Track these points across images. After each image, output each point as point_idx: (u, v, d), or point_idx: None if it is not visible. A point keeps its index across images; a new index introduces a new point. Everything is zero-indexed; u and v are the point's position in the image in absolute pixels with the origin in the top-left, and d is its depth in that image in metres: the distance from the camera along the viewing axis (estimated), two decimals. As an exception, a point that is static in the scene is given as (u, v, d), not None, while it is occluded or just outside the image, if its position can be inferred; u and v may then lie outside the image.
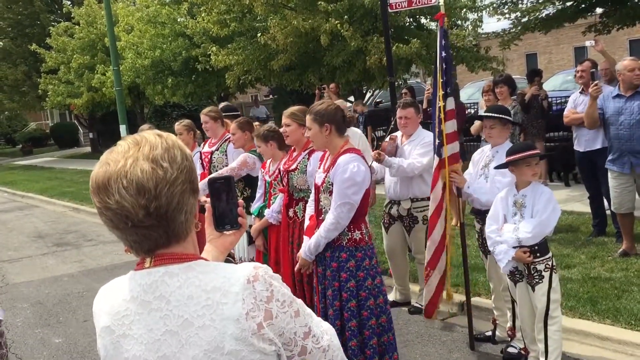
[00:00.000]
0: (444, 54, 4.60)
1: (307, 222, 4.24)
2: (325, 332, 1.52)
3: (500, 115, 4.45)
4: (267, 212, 5.00)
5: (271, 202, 5.01)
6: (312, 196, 4.24)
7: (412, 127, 5.43)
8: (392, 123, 6.09)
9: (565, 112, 7.14)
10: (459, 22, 15.19)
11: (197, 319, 1.35)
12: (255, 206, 5.27)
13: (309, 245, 3.99)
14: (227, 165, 5.99)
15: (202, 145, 6.58)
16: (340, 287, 3.93)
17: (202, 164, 6.20)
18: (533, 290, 3.91)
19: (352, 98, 16.35)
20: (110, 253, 9.00)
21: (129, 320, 1.38)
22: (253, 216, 5.23)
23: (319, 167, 4.18)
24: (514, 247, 3.88)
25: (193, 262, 1.41)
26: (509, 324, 4.64)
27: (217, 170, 6.16)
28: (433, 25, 15.40)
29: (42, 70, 24.15)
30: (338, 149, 3.95)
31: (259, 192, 5.27)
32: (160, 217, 1.34)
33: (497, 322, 4.86)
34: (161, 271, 1.38)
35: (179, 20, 18.87)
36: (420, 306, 5.65)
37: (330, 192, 3.90)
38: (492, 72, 13.99)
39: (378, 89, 16.29)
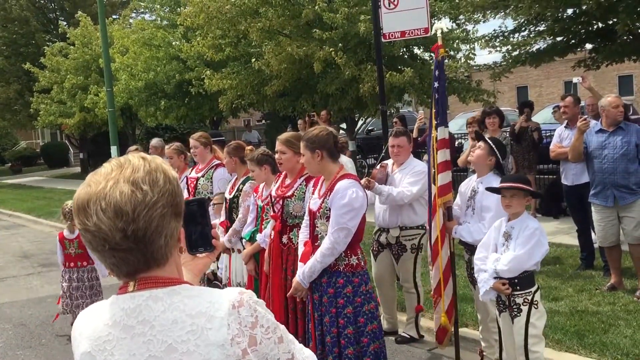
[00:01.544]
0: (436, 84, 4.65)
1: (301, 249, 4.22)
2: (307, 358, 1.53)
3: (492, 145, 4.49)
4: (259, 236, 4.99)
5: (263, 226, 5.00)
6: (305, 222, 4.23)
7: (404, 155, 5.45)
8: (384, 151, 6.12)
9: (551, 147, 7.23)
10: (452, 52, 15.42)
11: (181, 344, 1.33)
12: (246, 230, 5.26)
13: (304, 270, 3.98)
14: (211, 192, 6.07)
15: (190, 170, 6.58)
16: (337, 314, 3.92)
17: (187, 189, 6.22)
18: (512, 322, 3.90)
19: (344, 125, 16.46)
20: (96, 274, 8.88)
21: (111, 346, 1.36)
22: (245, 240, 5.22)
23: (313, 193, 4.18)
24: (495, 278, 3.89)
25: (178, 287, 1.39)
26: (496, 356, 4.61)
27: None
28: (426, 55, 15.61)
29: (34, 89, 24.14)
30: (333, 174, 3.97)
31: (251, 217, 5.26)
32: (138, 241, 1.33)
33: (484, 353, 4.84)
34: (145, 295, 1.37)
35: (173, 43, 18.98)
36: (407, 336, 5.62)
37: (328, 218, 3.91)
38: (483, 103, 14.15)
39: (370, 117, 16.41)
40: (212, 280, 5.80)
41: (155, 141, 7.39)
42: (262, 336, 1.38)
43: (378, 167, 5.60)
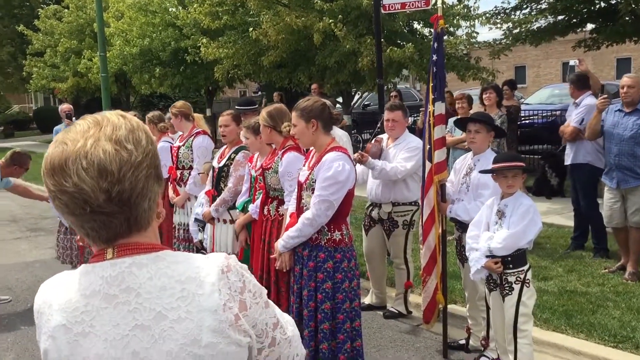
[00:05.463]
0: (435, 57, 4.55)
1: (287, 220, 4.17)
2: (288, 322, 1.51)
3: (486, 121, 4.42)
4: (251, 207, 4.92)
5: (256, 197, 4.94)
6: (294, 194, 4.17)
7: (398, 130, 5.38)
8: (378, 125, 6.04)
9: (561, 127, 7.08)
10: (452, 29, 15.25)
11: (171, 311, 1.26)
12: (240, 200, 5.19)
13: (284, 236, 3.95)
14: (192, 161, 6.11)
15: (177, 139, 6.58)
16: (316, 288, 3.87)
17: (171, 157, 6.20)
18: (503, 300, 3.88)
19: (340, 99, 16.32)
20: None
21: (90, 317, 1.27)
22: (237, 211, 5.16)
23: (304, 165, 4.12)
24: (487, 256, 3.85)
25: (161, 252, 1.32)
26: (483, 334, 4.60)
27: (182, 165, 6.21)
28: (427, 31, 15.44)
29: (28, 52, 23.81)
30: (324, 146, 3.90)
31: (245, 187, 5.19)
32: (123, 203, 1.24)
33: (471, 331, 4.83)
34: (127, 262, 1.28)
35: (170, 10, 18.69)
36: (395, 311, 5.61)
37: (313, 190, 3.84)
38: (481, 81, 14.02)
39: (367, 92, 16.28)
40: (199, 249, 5.73)
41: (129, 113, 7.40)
42: (251, 301, 1.34)
43: (372, 141, 5.53)
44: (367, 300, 5.94)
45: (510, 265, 3.80)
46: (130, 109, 23.19)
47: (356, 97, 16.84)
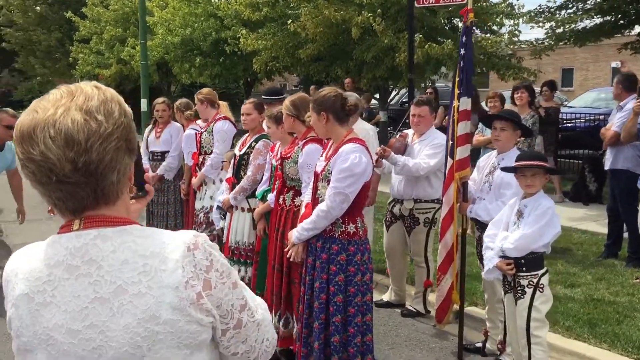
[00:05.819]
0: (462, 51, 4.44)
1: (302, 210, 4.13)
2: (259, 305, 1.47)
3: (512, 119, 4.28)
4: (270, 196, 4.90)
5: (275, 186, 4.91)
6: (310, 184, 4.12)
7: (424, 126, 5.27)
8: (404, 119, 5.94)
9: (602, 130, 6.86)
10: (495, 27, 14.94)
11: (131, 285, 1.25)
12: (260, 189, 5.17)
13: (299, 228, 3.91)
14: (212, 146, 6.12)
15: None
16: (328, 280, 3.82)
17: (195, 143, 6.24)
18: (516, 304, 3.75)
19: (377, 95, 16.19)
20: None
21: (52, 287, 1.27)
22: (257, 199, 5.15)
23: (321, 155, 4.06)
24: (500, 257, 3.73)
25: (128, 226, 1.31)
26: (500, 337, 4.49)
27: (204, 150, 6.23)
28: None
29: (75, 39, 24.35)
30: (341, 137, 3.84)
31: (265, 175, 5.17)
32: (89, 174, 1.23)
33: (488, 334, 4.70)
34: (92, 234, 1.27)
35: (212, 0, 18.85)
36: (414, 310, 5.52)
37: (329, 181, 3.78)
38: (522, 82, 13.70)
39: (405, 88, 16.09)
40: (220, 237, 5.74)
41: (158, 99, 7.43)
42: (217, 280, 1.31)
43: (398, 136, 5.43)
44: (386, 297, 5.86)
45: (524, 268, 3.66)
46: (171, 98, 23.53)
47: (393, 93, 16.65)
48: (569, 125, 12.68)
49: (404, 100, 19.36)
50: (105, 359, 1.24)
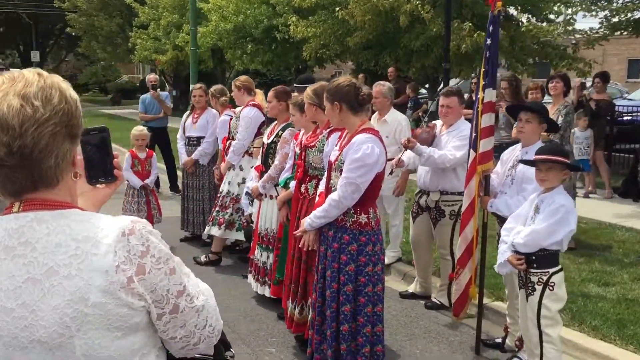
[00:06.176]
0: (489, 41, 4.35)
1: (317, 199, 4.16)
2: (202, 292, 1.49)
3: (537, 110, 4.17)
4: (292, 183, 4.96)
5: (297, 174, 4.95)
6: (325, 173, 4.15)
7: (452, 117, 5.19)
8: (430, 109, 5.86)
9: None
10: (552, 16, 14.47)
11: (62, 267, 1.30)
12: (283, 177, 5.24)
13: (311, 215, 3.95)
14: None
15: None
16: (339, 269, 3.85)
17: (228, 129, 6.36)
18: (527, 300, 3.68)
19: (427, 85, 15.97)
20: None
21: None
22: (280, 187, 5.22)
23: (336, 145, 4.08)
24: (513, 251, 3.66)
25: (66, 210, 1.36)
26: (519, 334, 4.41)
27: (232, 136, 6.33)
28: (524, 18, 14.74)
29: (134, 25, 24.98)
30: (355, 127, 3.84)
31: (289, 163, 5.23)
32: (24, 158, 1.28)
33: (508, 329, 4.63)
34: (30, 216, 1.33)
35: (265, -13, 18.97)
36: (438, 302, 5.48)
37: (342, 171, 3.80)
38: (577, 72, 13.25)
39: (456, 78, 15.80)
40: (249, 223, 5.85)
41: (195, 85, 7.57)
42: (152, 266, 1.34)
43: (425, 127, 5.38)
44: (411, 288, 5.84)
45: (535, 265, 3.59)
46: (226, 84, 23.88)
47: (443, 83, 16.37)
48: (627, 119, 12.17)
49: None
50: (36, 337, 1.29)
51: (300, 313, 4.48)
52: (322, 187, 4.13)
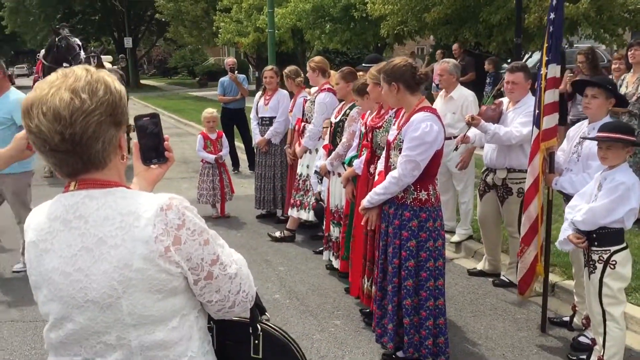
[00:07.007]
0: (552, 15, 4.25)
1: (377, 178, 4.26)
2: (235, 261, 1.65)
3: (604, 85, 4.05)
4: (355, 162, 5.07)
5: (362, 153, 5.06)
6: (384, 153, 4.24)
7: (519, 93, 5.11)
8: (498, 86, 5.77)
9: None
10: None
11: (110, 238, 1.50)
12: (349, 155, 5.37)
13: (370, 193, 4.06)
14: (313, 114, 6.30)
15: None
16: (400, 246, 3.95)
17: (302, 110, 6.49)
18: (589, 278, 3.63)
19: (509, 60, 15.48)
20: (238, 186, 9.53)
21: (52, 236, 1.55)
22: (345, 164, 5.35)
23: (394, 124, 4.15)
24: (574, 229, 3.61)
25: (114, 189, 1.56)
26: (586, 312, 4.35)
27: (306, 118, 6.50)
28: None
29: (217, 8, 25.63)
30: (412, 106, 3.90)
31: (355, 142, 5.34)
32: (75, 144, 1.48)
33: (576, 308, 4.57)
34: (83, 194, 1.54)
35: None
36: (506, 280, 5.46)
37: (401, 150, 3.88)
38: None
39: (538, 52, 15.24)
40: (318, 201, 6.02)
41: (267, 67, 7.71)
42: (187, 237, 1.52)
43: (492, 104, 5.32)
44: (479, 266, 5.84)
45: (596, 243, 3.53)
46: (304, 64, 24.12)
47: (526, 57, 15.84)
48: None
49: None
50: (89, 298, 1.52)
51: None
52: (381, 166, 4.22)
